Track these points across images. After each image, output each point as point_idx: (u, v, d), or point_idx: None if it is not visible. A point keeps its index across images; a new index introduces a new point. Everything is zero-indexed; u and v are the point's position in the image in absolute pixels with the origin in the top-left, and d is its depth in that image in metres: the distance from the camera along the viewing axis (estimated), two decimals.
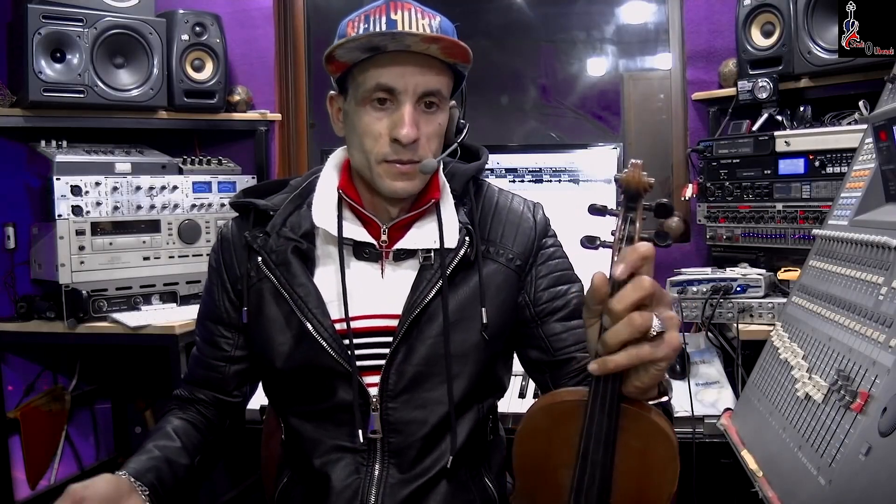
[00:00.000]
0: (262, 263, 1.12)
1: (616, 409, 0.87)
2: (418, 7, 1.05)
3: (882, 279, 1.03)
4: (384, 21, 1.01)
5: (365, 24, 1.02)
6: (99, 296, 2.14)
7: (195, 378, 1.23)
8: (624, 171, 0.89)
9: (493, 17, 3.89)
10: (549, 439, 0.95)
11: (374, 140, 1.05)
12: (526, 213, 1.20)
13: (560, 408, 0.94)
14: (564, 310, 1.16)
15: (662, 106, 2.98)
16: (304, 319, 1.08)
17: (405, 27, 1.01)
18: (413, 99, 1.03)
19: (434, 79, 1.04)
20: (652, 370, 0.85)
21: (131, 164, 2.32)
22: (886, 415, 0.85)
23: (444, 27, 1.05)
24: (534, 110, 3.90)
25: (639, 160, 0.88)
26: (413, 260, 1.13)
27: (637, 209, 0.88)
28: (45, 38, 2.13)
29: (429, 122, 1.06)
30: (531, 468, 0.98)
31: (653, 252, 0.83)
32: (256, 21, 2.71)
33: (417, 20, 1.03)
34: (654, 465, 0.91)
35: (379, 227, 1.13)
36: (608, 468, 0.89)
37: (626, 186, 0.88)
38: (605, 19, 3.76)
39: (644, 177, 0.88)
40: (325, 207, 1.13)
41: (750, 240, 2.05)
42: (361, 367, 1.10)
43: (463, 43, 1.02)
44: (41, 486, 2.39)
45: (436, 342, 1.09)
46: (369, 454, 1.10)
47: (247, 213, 1.18)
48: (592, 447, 0.88)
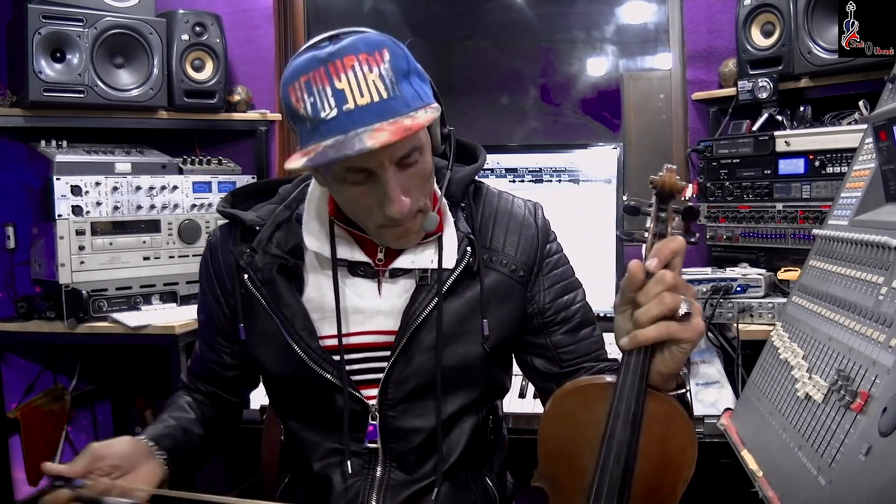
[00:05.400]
0: (249, 281, 1.10)
1: (644, 391, 0.92)
2: (362, 54, 0.92)
3: (882, 279, 1.03)
4: (329, 93, 0.90)
5: (310, 97, 0.91)
6: (99, 296, 2.14)
7: (196, 373, 1.25)
8: (659, 173, 0.95)
9: (493, 17, 3.89)
10: (575, 421, 0.98)
11: (365, 213, 1.01)
12: (528, 218, 1.17)
13: (589, 390, 0.99)
14: (573, 320, 1.16)
15: (662, 106, 2.98)
16: (291, 341, 1.07)
17: (353, 92, 0.90)
18: (391, 168, 0.95)
19: (405, 142, 0.94)
20: (677, 351, 0.91)
21: (131, 164, 2.32)
22: (886, 415, 0.85)
23: (394, 65, 0.93)
24: (534, 110, 3.91)
25: (673, 165, 0.95)
26: (411, 275, 1.10)
27: (668, 210, 0.95)
28: (45, 38, 2.13)
29: (415, 175, 0.99)
30: (556, 450, 1.01)
31: (684, 246, 0.90)
32: (256, 21, 2.72)
33: (364, 77, 0.91)
34: (674, 447, 0.95)
35: (375, 245, 1.09)
36: (633, 448, 0.92)
37: (661, 188, 0.94)
38: (605, 19, 3.77)
39: (678, 180, 0.95)
40: (315, 231, 1.10)
41: (750, 240, 2.05)
42: (359, 381, 1.09)
43: (420, 117, 0.92)
44: (41, 486, 2.39)
45: (435, 355, 1.08)
46: (370, 458, 1.10)
47: (234, 221, 1.14)
48: (620, 427, 0.92)
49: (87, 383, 2.61)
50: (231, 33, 2.58)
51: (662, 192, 0.94)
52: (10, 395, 2.32)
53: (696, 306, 0.91)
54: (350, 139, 0.89)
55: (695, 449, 0.95)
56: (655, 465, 0.94)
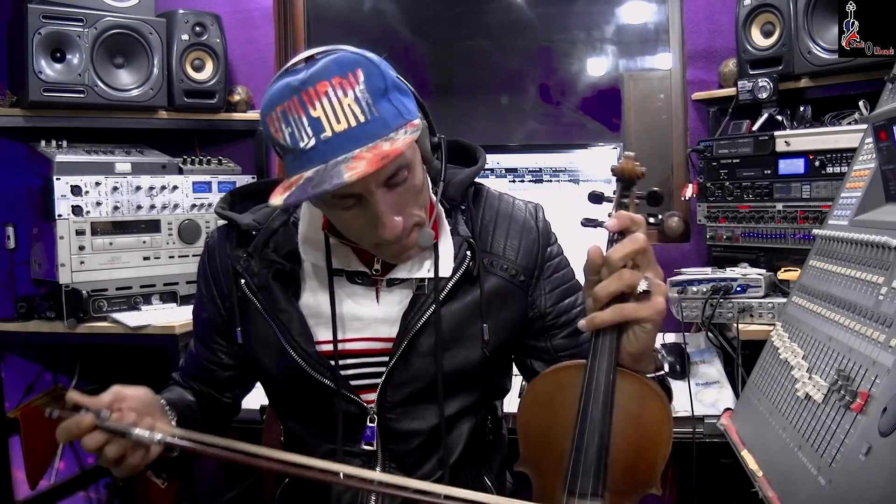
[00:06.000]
0: (245, 286, 1.10)
1: (613, 368, 0.95)
2: (335, 78, 0.89)
3: (882, 279, 1.03)
4: (306, 122, 0.89)
5: (287, 128, 0.90)
6: (99, 296, 2.14)
7: (190, 372, 1.24)
8: (618, 160, 1.00)
9: (493, 17, 3.89)
10: (551, 405, 1.00)
11: (359, 234, 1.00)
12: (529, 221, 1.16)
13: (562, 374, 1.01)
14: (573, 324, 1.15)
15: (662, 106, 2.98)
16: (287, 345, 1.07)
17: (329, 119, 0.88)
18: (378, 190, 0.93)
19: (389, 164, 0.91)
20: (640, 332, 0.93)
21: (131, 164, 2.32)
22: (886, 415, 0.85)
23: (369, 85, 0.90)
24: (534, 110, 3.91)
25: (631, 152, 1.00)
26: (409, 283, 1.10)
27: (630, 196, 1.00)
28: (45, 38, 2.13)
29: (405, 192, 0.97)
30: (535, 434, 1.02)
31: (642, 220, 0.94)
32: (256, 21, 2.71)
33: (339, 102, 0.89)
34: (649, 425, 0.97)
35: (372, 255, 1.08)
36: (607, 426, 0.94)
37: (620, 175, 1.00)
38: (605, 19, 3.77)
39: (636, 166, 0.99)
40: (312, 242, 1.09)
41: (750, 240, 2.04)
42: (357, 386, 1.09)
43: (399, 140, 0.89)
44: (41, 486, 2.39)
45: (434, 359, 1.08)
46: (370, 458, 1.10)
47: (232, 224, 1.14)
48: (592, 406, 0.94)
49: (87, 383, 2.60)
50: (231, 33, 2.57)
51: (623, 179, 1.00)
52: (10, 395, 2.32)
53: (659, 285, 0.92)
54: (329, 170, 0.87)
55: (670, 426, 0.97)
56: (632, 443, 0.96)
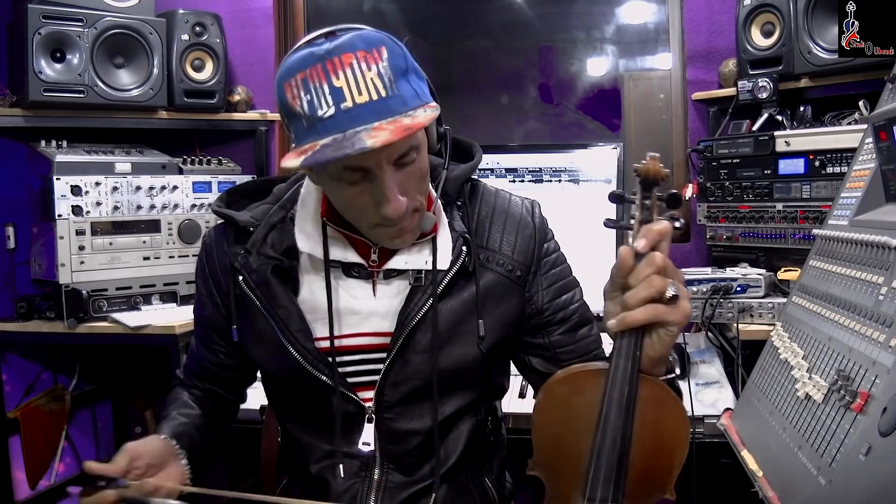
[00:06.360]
0: (243, 282, 1.10)
1: (636, 375, 0.94)
2: (360, 52, 0.90)
3: (882, 279, 1.03)
4: (327, 90, 0.89)
5: (306, 95, 0.90)
6: (99, 296, 2.14)
7: (193, 371, 1.25)
8: (642, 161, 0.96)
9: (493, 17, 3.89)
10: (569, 408, 0.99)
11: (359, 212, 1.00)
12: (525, 217, 1.16)
13: (582, 377, 1.00)
14: (571, 320, 1.15)
15: (662, 106, 2.98)
16: (286, 342, 1.07)
17: (351, 90, 0.89)
18: (388, 167, 0.94)
19: (404, 141, 0.92)
20: (664, 334, 0.93)
21: (131, 164, 2.32)
22: (886, 415, 0.85)
23: (392, 63, 0.92)
24: (534, 110, 3.91)
25: (656, 153, 0.97)
26: (406, 276, 1.09)
27: (652, 197, 0.97)
28: (45, 38, 2.13)
29: (411, 174, 0.98)
30: (551, 438, 1.02)
31: (670, 229, 0.92)
32: (256, 21, 2.71)
33: (363, 74, 0.89)
34: (668, 430, 0.96)
35: (368, 246, 1.09)
36: (627, 432, 0.93)
37: (645, 175, 0.96)
38: (605, 19, 3.77)
39: (661, 167, 0.96)
40: (308, 232, 1.09)
41: (750, 240, 2.04)
42: (355, 384, 1.09)
43: (419, 116, 0.91)
44: (41, 486, 2.39)
45: (431, 356, 1.07)
46: (368, 460, 1.10)
47: (229, 221, 1.14)
48: (614, 412, 0.93)
49: (87, 383, 2.61)
50: (231, 33, 2.57)
51: (647, 180, 0.96)
52: (10, 395, 2.32)
53: (684, 290, 0.93)
54: (349, 138, 0.88)
55: (688, 431, 0.97)
56: (650, 449, 0.95)
